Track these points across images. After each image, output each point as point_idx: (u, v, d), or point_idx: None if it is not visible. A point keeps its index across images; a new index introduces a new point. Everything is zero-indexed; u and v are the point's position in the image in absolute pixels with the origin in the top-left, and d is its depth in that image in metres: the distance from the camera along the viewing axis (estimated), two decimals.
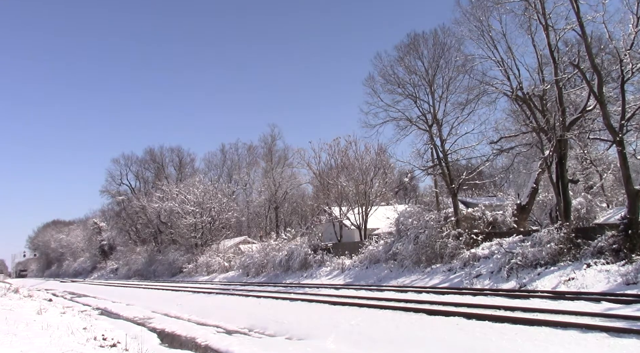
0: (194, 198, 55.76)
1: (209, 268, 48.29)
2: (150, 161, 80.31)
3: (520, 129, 26.00)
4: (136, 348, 10.71)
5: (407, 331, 11.39)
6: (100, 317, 20.40)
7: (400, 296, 18.12)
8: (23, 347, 8.89)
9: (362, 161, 40.71)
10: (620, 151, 18.95)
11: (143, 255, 67.50)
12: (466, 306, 14.20)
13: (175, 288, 34.75)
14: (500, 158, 32.87)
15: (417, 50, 29.54)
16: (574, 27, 20.16)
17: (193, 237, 55.34)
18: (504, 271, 19.79)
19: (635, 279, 15.10)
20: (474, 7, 24.57)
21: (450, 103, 29.08)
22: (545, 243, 19.63)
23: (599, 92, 19.36)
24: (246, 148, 74.93)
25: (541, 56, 23.42)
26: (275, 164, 63.24)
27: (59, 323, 14.05)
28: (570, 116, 23.33)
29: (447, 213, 27.31)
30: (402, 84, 29.91)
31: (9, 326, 11.73)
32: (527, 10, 22.03)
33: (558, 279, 17.38)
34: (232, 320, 16.11)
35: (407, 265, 25.91)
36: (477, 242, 24.33)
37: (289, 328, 13.43)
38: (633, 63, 18.72)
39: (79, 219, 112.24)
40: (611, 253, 17.48)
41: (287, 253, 36.13)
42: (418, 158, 29.99)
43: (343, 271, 30.64)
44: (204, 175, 70.15)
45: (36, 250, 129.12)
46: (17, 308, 18.61)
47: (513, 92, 23.89)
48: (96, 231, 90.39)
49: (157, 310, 21.77)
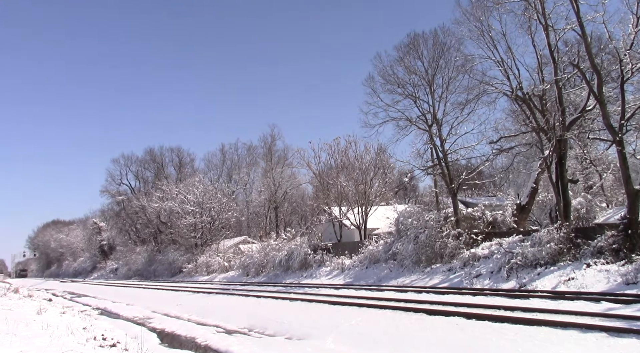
0: (194, 198, 55.76)
1: (208, 268, 48.29)
2: (150, 161, 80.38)
3: (520, 129, 26.02)
4: (136, 348, 10.71)
5: (407, 331, 11.39)
6: (100, 317, 20.39)
7: (400, 296, 18.12)
8: (23, 347, 8.88)
9: (362, 161, 40.73)
10: (620, 151, 18.95)
11: (143, 255, 67.52)
12: (466, 306, 14.20)
13: (175, 288, 34.74)
14: (500, 158, 32.88)
15: (417, 50, 29.57)
16: (573, 27, 20.16)
17: (193, 237, 55.35)
18: (503, 271, 19.79)
19: (635, 279, 15.10)
20: (473, 7, 24.60)
21: (450, 103, 29.16)
22: (545, 243, 19.63)
23: (599, 92, 19.36)
24: (246, 148, 75.06)
25: (541, 56, 23.43)
26: (275, 164, 63.22)
27: (58, 323, 14.04)
28: (570, 116, 23.33)
29: (447, 213, 27.32)
30: (402, 84, 29.95)
31: (8, 326, 11.72)
32: (527, 10, 22.04)
33: (558, 279, 17.38)
34: (232, 320, 16.10)
35: (407, 265, 25.91)
36: (477, 242, 24.34)
37: (289, 328, 13.43)
38: (633, 63, 18.72)
39: (79, 219, 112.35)
40: (611, 253, 17.48)
41: (287, 253, 36.14)
42: (418, 157, 30.07)
43: (343, 271, 30.64)
44: (204, 175, 70.23)
45: (36, 250, 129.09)
46: (16, 308, 18.58)
47: (513, 92, 23.89)
48: (96, 231, 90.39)
49: (157, 310, 21.75)
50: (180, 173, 78.01)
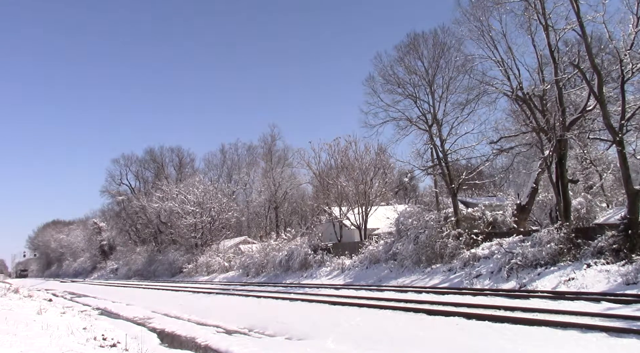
0: (194, 198, 55.77)
1: (209, 268, 48.29)
2: (150, 161, 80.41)
3: (520, 129, 26.00)
4: (136, 348, 10.71)
5: (407, 331, 11.39)
6: (100, 317, 20.41)
7: (400, 297, 18.12)
8: (23, 347, 8.89)
9: (362, 161, 40.70)
10: (620, 151, 18.95)
11: (143, 255, 67.53)
12: (466, 306, 14.20)
13: (175, 288, 34.75)
14: (500, 158, 32.91)
15: (417, 50, 29.55)
16: (574, 27, 20.16)
17: (193, 237, 55.36)
18: (504, 271, 19.79)
19: (635, 279, 15.10)
20: (474, 7, 24.58)
21: (450, 103, 29.13)
22: (545, 243, 19.63)
23: (599, 92, 19.36)
24: (246, 148, 75.04)
25: (541, 56, 23.43)
26: (275, 164, 63.22)
27: (58, 323, 14.04)
28: (570, 116, 23.33)
29: (447, 213, 27.31)
30: (402, 84, 29.93)
31: (8, 326, 11.73)
32: (527, 10, 22.03)
33: (558, 279, 17.38)
34: (232, 320, 16.11)
35: (407, 265, 25.91)
36: (477, 242, 24.33)
37: (289, 328, 13.43)
38: (633, 63, 18.72)
39: (79, 220, 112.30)
40: (611, 253, 17.47)
41: (287, 253, 36.14)
42: (418, 158, 30.04)
43: (343, 271, 30.64)
44: (204, 175, 70.25)
45: (36, 250, 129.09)
46: (17, 308, 18.60)
47: (513, 92, 23.89)
48: (96, 231, 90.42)
49: (157, 310, 21.76)
50: (180, 173, 78.03)
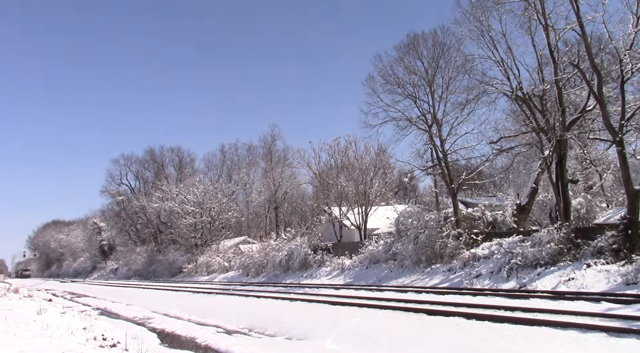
0: (194, 198, 55.74)
1: (208, 268, 48.29)
2: (150, 161, 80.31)
3: (520, 129, 26.01)
4: (136, 348, 10.71)
5: (407, 331, 11.39)
6: (100, 317, 20.41)
7: (400, 297, 18.11)
8: (23, 347, 8.89)
9: (361, 161, 40.72)
10: (620, 151, 18.94)
11: (143, 255, 67.49)
12: (466, 306, 14.19)
13: (175, 288, 34.73)
14: (500, 158, 32.90)
15: (416, 50, 29.55)
16: (573, 27, 20.15)
17: (193, 237, 55.33)
18: (503, 271, 19.78)
19: (635, 279, 15.09)
20: (473, 7, 24.57)
21: (450, 103, 29.12)
22: (545, 243, 19.62)
23: (599, 92, 19.36)
24: (246, 148, 74.97)
25: (541, 56, 23.43)
26: (275, 164, 63.20)
27: (58, 323, 14.04)
28: (570, 116, 23.32)
29: (447, 213, 27.31)
30: (402, 84, 29.93)
31: (8, 326, 11.73)
32: (527, 10, 22.03)
33: (558, 279, 17.38)
34: (232, 320, 16.12)
35: (407, 265, 25.91)
36: (477, 242, 24.32)
37: (289, 328, 13.43)
38: (633, 63, 18.71)
39: (79, 220, 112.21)
40: (611, 253, 17.47)
41: (287, 253, 36.13)
42: (418, 158, 30.02)
43: (343, 271, 30.64)
44: (204, 175, 70.13)
45: (36, 250, 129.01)
46: (17, 308, 18.58)
47: (513, 92, 23.89)
48: (96, 231, 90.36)
49: (157, 310, 21.77)
50: (180, 173, 77.96)
